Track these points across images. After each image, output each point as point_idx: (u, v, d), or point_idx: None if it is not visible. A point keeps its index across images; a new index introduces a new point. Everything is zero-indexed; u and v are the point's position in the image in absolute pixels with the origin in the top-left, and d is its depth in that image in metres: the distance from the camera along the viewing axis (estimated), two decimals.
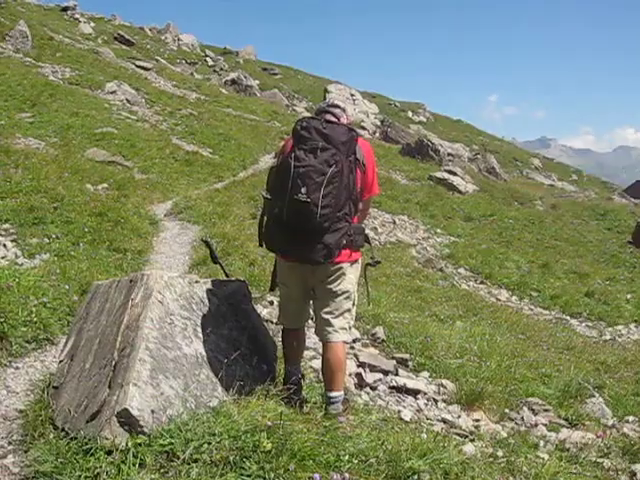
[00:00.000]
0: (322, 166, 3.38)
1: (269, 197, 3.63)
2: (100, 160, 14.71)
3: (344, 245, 3.56)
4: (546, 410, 6.10)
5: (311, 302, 3.90)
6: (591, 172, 61.63)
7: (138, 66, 34.14)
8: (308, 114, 29.95)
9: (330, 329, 3.69)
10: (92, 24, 43.95)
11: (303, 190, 3.33)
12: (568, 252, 19.32)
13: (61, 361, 3.79)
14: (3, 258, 6.71)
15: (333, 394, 3.67)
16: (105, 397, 3.07)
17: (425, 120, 55.87)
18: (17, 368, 4.58)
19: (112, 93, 24.03)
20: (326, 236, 3.45)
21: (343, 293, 3.69)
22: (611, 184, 47.43)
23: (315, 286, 3.74)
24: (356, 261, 3.78)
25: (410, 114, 56.12)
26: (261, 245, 3.82)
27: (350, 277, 3.71)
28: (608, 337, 12.17)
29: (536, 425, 5.63)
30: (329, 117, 3.71)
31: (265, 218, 3.72)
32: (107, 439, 2.86)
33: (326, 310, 3.71)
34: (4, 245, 7.13)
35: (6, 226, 7.67)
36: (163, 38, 52.98)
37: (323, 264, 3.56)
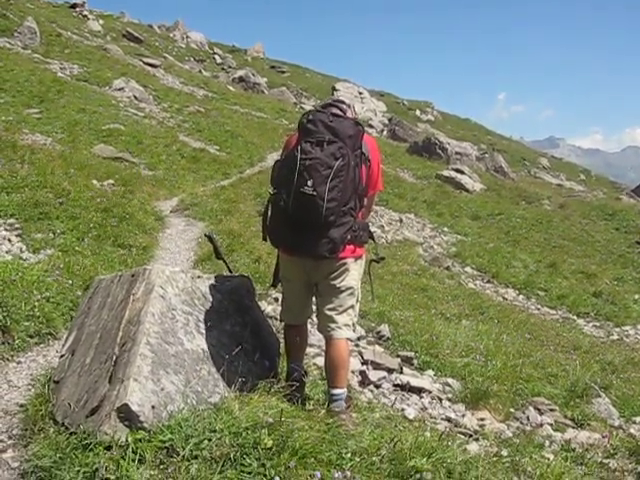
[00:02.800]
0: (329, 159, 3.32)
1: (274, 191, 3.57)
2: (107, 156, 14.71)
3: (349, 240, 3.51)
4: (552, 410, 6.05)
5: (314, 298, 3.85)
6: (599, 172, 61.32)
7: (146, 63, 34.21)
8: None
9: (333, 325, 3.63)
10: (101, 21, 44.03)
11: (309, 183, 3.27)
12: (576, 252, 19.25)
13: (62, 356, 3.76)
14: (8, 253, 6.70)
15: (336, 391, 3.62)
16: (105, 392, 3.04)
17: (433, 119, 55.77)
18: (19, 362, 4.57)
19: (120, 90, 24.06)
20: (331, 230, 3.40)
21: (347, 289, 3.63)
22: (619, 184, 47.22)
23: (318, 282, 3.68)
24: (360, 257, 3.72)
25: (418, 113, 56.01)
26: (265, 240, 3.77)
27: (354, 273, 3.65)
28: (615, 337, 12.12)
29: (542, 425, 5.58)
30: (335, 111, 3.64)
31: (269, 212, 3.67)
32: (107, 434, 2.82)
33: (329, 307, 3.65)
34: (9, 240, 7.12)
35: (11, 221, 7.65)
36: (172, 35, 53.10)
37: (327, 259, 3.50)
